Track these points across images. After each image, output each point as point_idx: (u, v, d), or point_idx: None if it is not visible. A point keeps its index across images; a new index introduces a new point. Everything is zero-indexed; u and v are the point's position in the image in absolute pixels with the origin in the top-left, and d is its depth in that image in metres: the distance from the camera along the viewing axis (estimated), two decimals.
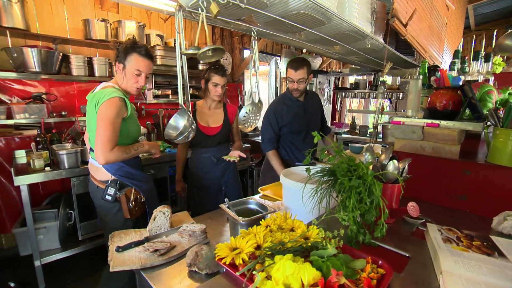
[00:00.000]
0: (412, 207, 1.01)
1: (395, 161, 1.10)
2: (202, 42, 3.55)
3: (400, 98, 4.72)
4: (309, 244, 0.78)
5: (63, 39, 2.46)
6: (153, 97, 2.73)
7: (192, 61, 3.04)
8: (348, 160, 0.98)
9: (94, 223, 2.31)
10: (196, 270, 0.93)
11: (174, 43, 3.02)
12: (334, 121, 5.52)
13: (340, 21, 1.19)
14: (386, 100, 5.07)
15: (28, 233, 2.02)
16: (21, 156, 2.25)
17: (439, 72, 1.46)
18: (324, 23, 1.17)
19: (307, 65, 1.82)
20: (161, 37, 2.99)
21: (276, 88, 4.80)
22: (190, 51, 0.95)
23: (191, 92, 3.05)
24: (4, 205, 2.43)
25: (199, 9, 0.87)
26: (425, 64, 1.64)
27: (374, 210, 0.95)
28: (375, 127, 1.93)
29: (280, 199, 1.54)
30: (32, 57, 2.18)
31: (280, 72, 4.77)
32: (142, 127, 2.79)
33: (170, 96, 2.88)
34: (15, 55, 2.15)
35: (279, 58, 4.71)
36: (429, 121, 1.39)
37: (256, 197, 1.58)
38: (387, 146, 1.97)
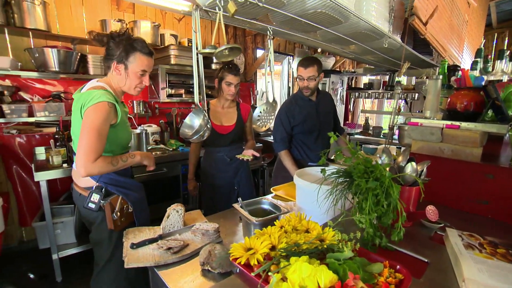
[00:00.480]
0: (431, 211, 0.98)
1: (413, 163, 1.07)
2: (215, 41, 3.58)
3: (416, 98, 4.60)
4: (325, 246, 0.76)
5: (81, 39, 2.52)
6: (166, 96, 2.76)
7: (206, 60, 3.06)
8: (365, 161, 0.96)
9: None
10: (209, 269, 0.93)
11: (188, 43, 3.07)
12: (347, 122, 5.45)
13: (357, 19, 1.17)
14: (401, 100, 4.95)
15: (47, 227, 2.09)
16: (41, 152, 2.32)
17: (460, 72, 1.40)
18: (341, 22, 1.15)
19: (317, 63, 1.82)
20: (175, 36, 3.02)
21: (289, 88, 4.77)
22: (207, 50, 0.96)
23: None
24: (25, 199, 2.53)
25: (216, 8, 0.88)
26: (445, 64, 1.58)
27: (391, 213, 0.93)
28: (391, 128, 1.89)
29: (292, 200, 1.53)
30: (52, 57, 2.25)
31: (292, 71, 4.74)
32: (155, 125, 2.84)
33: (184, 95, 2.91)
34: (37, 55, 2.23)
35: (291, 57, 4.69)
36: (449, 122, 1.34)
37: (269, 197, 1.57)
38: (403, 147, 1.92)
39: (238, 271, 0.81)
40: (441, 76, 1.38)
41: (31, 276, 2.23)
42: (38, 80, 2.47)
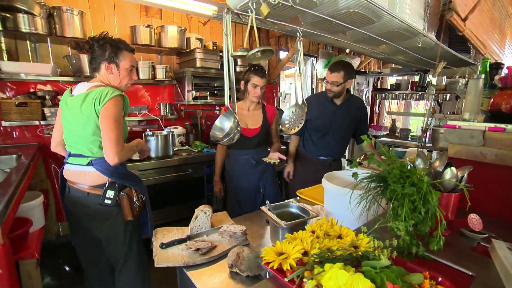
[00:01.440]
0: (474, 220, 0.91)
1: (453, 168, 1.00)
2: (239, 44, 3.61)
3: (447, 99, 4.36)
4: (359, 253, 0.74)
5: None
6: (192, 98, 2.82)
7: None
8: (401, 166, 0.92)
9: None
10: (237, 271, 0.93)
11: (213, 46, 3.12)
12: (372, 124, 5.27)
13: (391, 18, 1.12)
14: (428, 101, 4.71)
15: None
16: None
17: (506, 70, 1.30)
18: (373, 22, 1.11)
19: (345, 70, 1.85)
20: (201, 40, 3.08)
21: (312, 89, 4.71)
22: (239, 53, 0.96)
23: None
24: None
25: (249, 10, 0.88)
26: (486, 62, 1.47)
27: (429, 221, 0.88)
28: (424, 131, 1.79)
29: (319, 203, 1.50)
30: (86, 62, 2.38)
31: (316, 73, 4.67)
32: (181, 127, 2.92)
33: (208, 98, 2.96)
34: (74, 61, 2.37)
35: (315, 58, 4.62)
36: (492, 125, 1.24)
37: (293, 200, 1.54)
38: (435, 151, 1.82)
39: (268, 275, 0.80)
40: (483, 75, 1.28)
41: (67, 268, 2.36)
42: (73, 84, 2.61)
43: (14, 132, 2.41)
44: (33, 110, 2.22)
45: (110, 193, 1.35)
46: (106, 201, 1.35)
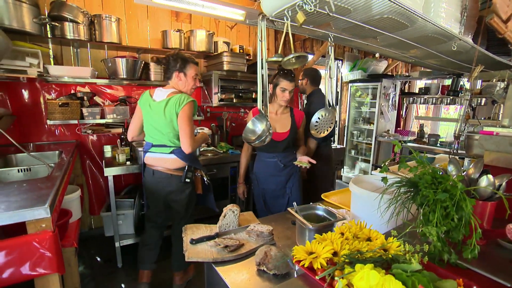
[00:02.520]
0: None
1: (489, 176, 0.97)
2: (267, 48, 3.65)
3: (482, 104, 4.13)
4: (390, 256, 0.74)
5: (145, 49, 2.80)
6: (218, 100, 2.90)
7: (254, 66, 3.15)
8: (433, 171, 0.91)
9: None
10: (265, 269, 0.95)
11: (240, 49, 3.19)
12: (398, 128, 5.10)
13: (425, 23, 1.10)
14: (461, 106, 4.49)
15: (111, 218, 2.33)
16: (107, 150, 2.62)
17: None
18: (406, 27, 1.09)
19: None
20: (228, 44, 3.17)
21: (337, 92, 4.65)
22: (274, 59, 0.99)
23: (253, 97, 3.16)
24: (94, 191, 2.86)
25: (284, 18, 0.91)
26: None
27: (462, 228, 0.86)
28: (457, 137, 1.72)
29: (344, 207, 1.49)
30: (121, 65, 2.54)
31: (342, 76, 4.62)
32: (207, 128, 3.01)
33: (234, 100, 3.03)
34: (110, 64, 2.53)
35: (341, 62, 4.57)
36: None
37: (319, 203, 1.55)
38: (466, 158, 1.74)
39: (297, 273, 0.82)
40: None
41: (98, 259, 2.51)
42: (108, 86, 2.79)
43: (56, 130, 2.62)
44: (73, 110, 2.40)
45: (189, 174, 1.83)
46: (186, 179, 1.83)
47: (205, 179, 1.96)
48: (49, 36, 2.22)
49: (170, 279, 2.14)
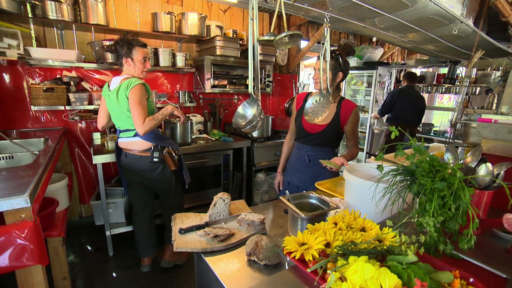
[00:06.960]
0: (511, 220, 0.86)
1: (488, 164, 0.94)
2: (260, 32, 3.54)
3: (477, 93, 4.12)
4: (385, 247, 0.71)
5: (134, 32, 2.67)
6: (210, 87, 2.81)
7: (247, 52, 3.05)
8: (430, 159, 0.87)
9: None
10: (255, 260, 0.92)
11: (233, 34, 3.08)
12: None
13: (426, 3, 1.04)
14: (456, 95, 4.50)
15: (101, 206, 2.28)
16: (97, 138, 2.54)
17: None
18: (407, 6, 1.03)
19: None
20: (221, 28, 3.05)
21: None
22: (266, 38, 0.93)
23: (246, 83, 3.07)
24: (84, 179, 2.80)
25: None
26: None
27: (459, 218, 0.83)
28: (453, 125, 1.69)
29: (337, 196, 1.47)
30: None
31: None
32: (199, 115, 2.94)
33: (227, 87, 2.94)
34: (97, 48, 2.41)
35: None
36: None
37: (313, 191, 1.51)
38: (460, 146, 1.73)
39: (289, 264, 0.79)
40: None
41: (89, 248, 2.48)
42: (96, 71, 2.68)
43: (41, 117, 2.51)
44: (59, 95, 2.30)
45: (156, 154, 1.87)
46: (154, 159, 1.87)
47: (174, 155, 1.96)
48: (29, 15, 2.09)
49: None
